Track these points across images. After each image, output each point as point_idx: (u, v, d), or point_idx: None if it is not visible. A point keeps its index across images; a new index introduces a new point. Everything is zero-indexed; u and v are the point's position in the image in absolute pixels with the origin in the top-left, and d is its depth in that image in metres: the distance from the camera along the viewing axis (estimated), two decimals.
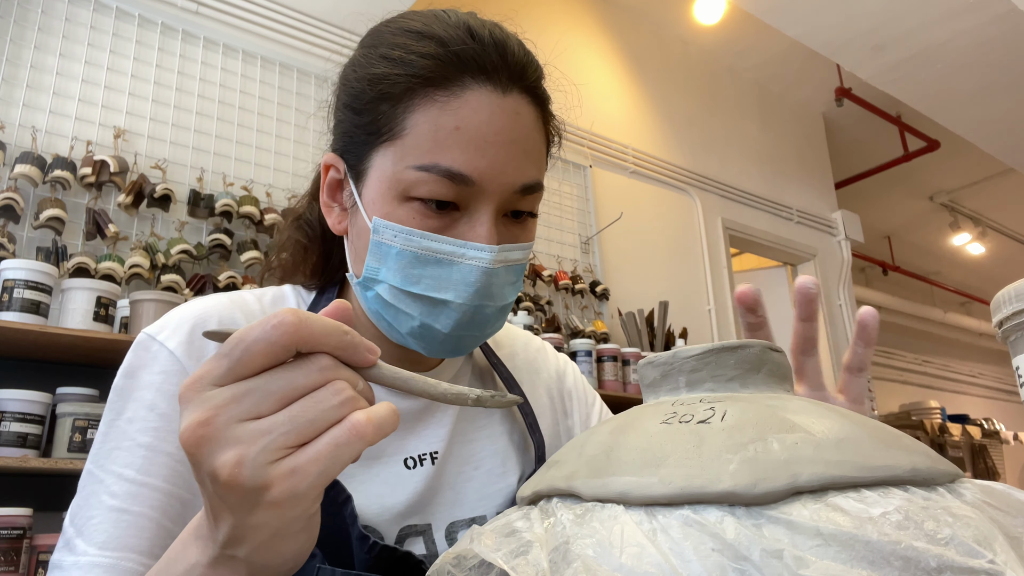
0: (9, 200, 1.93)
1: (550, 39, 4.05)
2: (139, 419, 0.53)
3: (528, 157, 0.56)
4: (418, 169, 0.53)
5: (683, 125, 4.17)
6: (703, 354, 0.39)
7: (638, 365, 0.43)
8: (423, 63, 0.53)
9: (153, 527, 0.51)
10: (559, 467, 0.36)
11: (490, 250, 0.54)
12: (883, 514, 0.26)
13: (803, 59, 4.48)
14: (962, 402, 7.25)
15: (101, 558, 0.49)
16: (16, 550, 1.60)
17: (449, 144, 0.52)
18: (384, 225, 0.55)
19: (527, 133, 0.56)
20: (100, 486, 0.52)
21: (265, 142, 2.58)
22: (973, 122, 4.00)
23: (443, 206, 0.54)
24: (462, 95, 0.53)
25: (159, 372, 0.55)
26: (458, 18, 0.56)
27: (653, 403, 0.40)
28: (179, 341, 0.56)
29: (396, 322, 0.57)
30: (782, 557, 0.25)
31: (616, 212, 3.50)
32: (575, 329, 3.05)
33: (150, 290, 2.06)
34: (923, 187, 6.07)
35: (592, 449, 0.36)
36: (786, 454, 0.30)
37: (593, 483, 0.33)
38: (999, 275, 7.47)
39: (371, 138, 0.56)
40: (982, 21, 3.15)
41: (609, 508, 0.31)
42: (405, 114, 0.54)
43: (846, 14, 3.17)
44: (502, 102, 0.54)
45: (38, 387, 1.82)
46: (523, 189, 0.56)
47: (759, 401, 0.35)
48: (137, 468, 0.52)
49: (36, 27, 2.22)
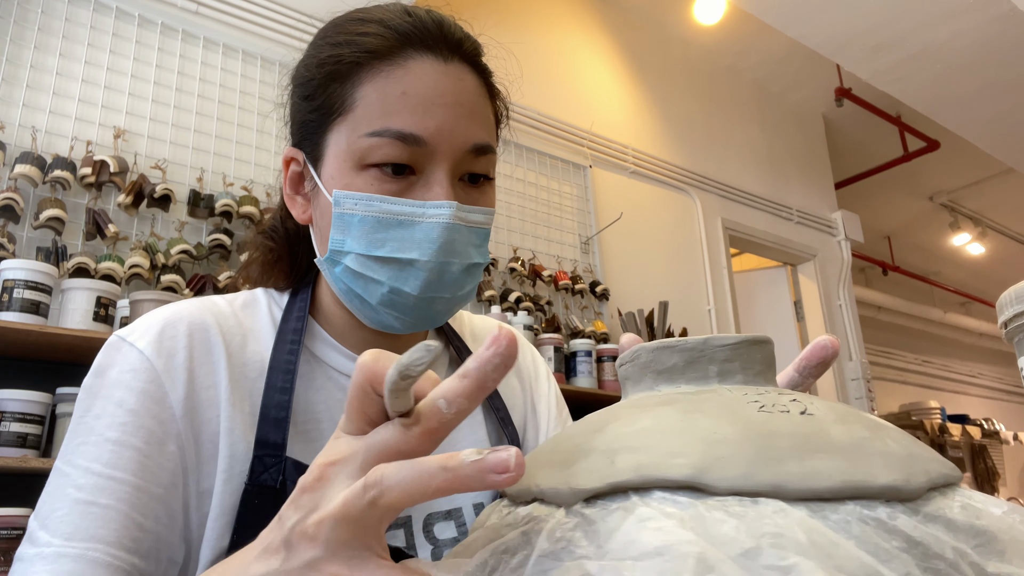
0: (9, 200, 1.92)
1: (550, 39, 4.05)
2: (107, 415, 0.53)
3: (475, 119, 0.58)
4: (370, 136, 0.55)
5: (683, 125, 4.17)
6: (737, 344, 0.37)
7: (640, 350, 0.39)
8: (367, 40, 0.57)
9: (121, 519, 0.50)
10: (646, 454, 0.31)
11: (448, 206, 0.56)
12: (1004, 512, 0.27)
13: (803, 59, 4.48)
14: (962, 402, 7.25)
15: (68, 548, 0.48)
16: (15, 550, 1.60)
17: (398, 108, 0.55)
18: (344, 195, 0.56)
19: (472, 97, 0.59)
20: (66, 480, 0.51)
21: (265, 142, 2.57)
22: (973, 122, 4.00)
23: (399, 170, 0.56)
24: (406, 64, 0.56)
25: (128, 370, 0.55)
26: (397, 5, 0.60)
27: (693, 391, 0.36)
28: (148, 341, 0.56)
29: (366, 293, 0.58)
30: (967, 556, 0.24)
31: (616, 212, 3.50)
32: (575, 329, 3.05)
33: (150, 290, 2.06)
34: (923, 187, 6.07)
35: (697, 436, 0.31)
36: (905, 451, 0.29)
37: (731, 474, 0.28)
38: (999, 275, 7.47)
39: (324, 118, 0.58)
40: (982, 21, 3.15)
41: (767, 503, 0.27)
42: (354, 88, 0.57)
43: (846, 14, 3.17)
44: (444, 68, 0.57)
45: (38, 387, 1.82)
46: (474, 149, 0.58)
47: (816, 398, 0.35)
48: (104, 462, 0.51)
49: (36, 27, 2.21)
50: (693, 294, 3.82)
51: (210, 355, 0.58)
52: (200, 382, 0.57)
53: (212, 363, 0.58)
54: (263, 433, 0.56)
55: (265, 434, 0.56)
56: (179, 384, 0.55)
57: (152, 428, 0.53)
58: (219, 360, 0.58)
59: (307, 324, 0.64)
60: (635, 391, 0.40)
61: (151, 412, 0.54)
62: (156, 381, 0.55)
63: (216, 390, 0.57)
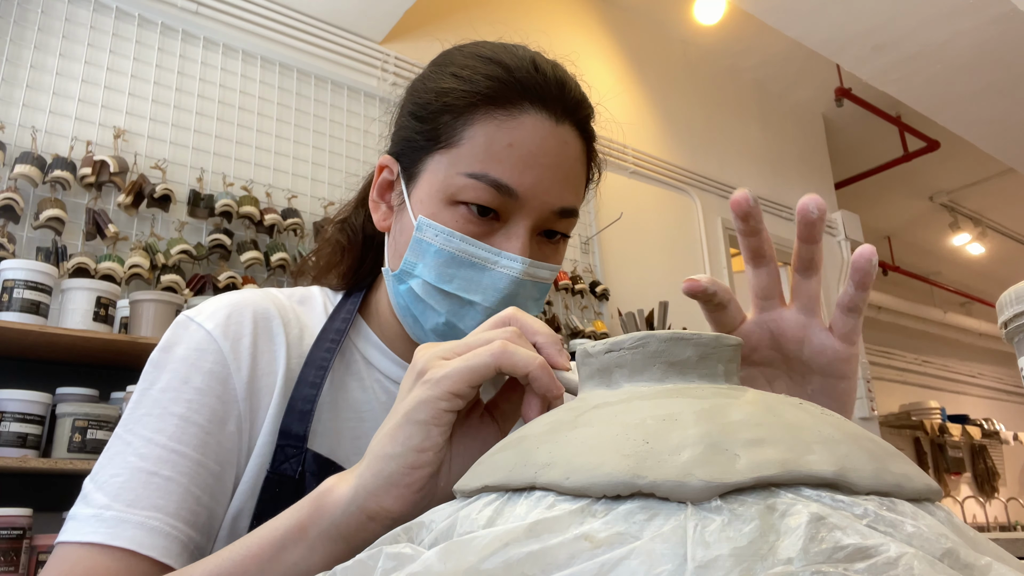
0: (9, 200, 1.92)
1: (550, 39, 4.06)
2: (172, 389, 0.55)
3: (569, 183, 0.60)
4: (468, 176, 0.57)
5: (683, 125, 4.17)
6: (739, 345, 0.37)
7: (649, 337, 0.36)
8: (487, 83, 0.58)
9: (182, 492, 0.52)
10: (774, 448, 0.28)
11: (522, 261, 0.58)
12: None
13: (803, 59, 4.48)
14: (962, 402, 7.24)
15: (129, 514, 0.49)
16: (16, 550, 1.60)
17: (501, 157, 0.57)
18: (428, 224, 0.58)
19: (572, 162, 0.60)
20: (128, 448, 0.52)
21: (265, 142, 2.57)
22: (973, 122, 3.99)
23: (485, 213, 0.58)
24: (519, 117, 0.57)
25: (195, 349, 0.57)
26: (526, 52, 0.61)
27: (713, 388, 0.34)
28: (216, 323, 0.58)
29: (423, 317, 0.60)
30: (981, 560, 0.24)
31: (616, 212, 3.50)
32: (575, 329, 3.05)
33: (150, 290, 2.06)
34: (923, 187, 6.07)
35: (806, 432, 0.29)
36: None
37: (865, 473, 0.27)
38: (999, 275, 7.47)
39: (429, 144, 0.60)
40: (982, 21, 3.15)
41: (902, 504, 0.26)
42: (464, 126, 0.58)
43: (846, 14, 3.17)
44: (555, 129, 0.59)
45: (38, 387, 1.82)
46: (561, 211, 0.60)
47: None
48: (168, 435, 0.53)
49: (36, 27, 2.21)
50: None
51: (272, 343, 0.61)
52: (262, 368, 0.59)
53: (274, 351, 0.60)
54: (287, 424, 0.58)
55: (289, 425, 0.58)
56: (243, 367, 0.58)
57: (215, 407, 0.56)
58: (279, 349, 0.61)
59: (358, 326, 0.67)
60: (634, 382, 0.36)
61: (215, 392, 0.56)
62: (222, 362, 0.57)
63: (274, 377, 0.60)
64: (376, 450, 0.40)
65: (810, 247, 0.46)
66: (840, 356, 0.47)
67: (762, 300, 0.48)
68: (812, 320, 0.48)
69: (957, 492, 6.35)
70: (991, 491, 6.59)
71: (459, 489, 0.34)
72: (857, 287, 0.45)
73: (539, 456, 0.30)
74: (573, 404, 0.36)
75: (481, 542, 0.25)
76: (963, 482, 6.54)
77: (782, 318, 0.48)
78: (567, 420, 0.33)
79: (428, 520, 0.32)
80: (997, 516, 6.31)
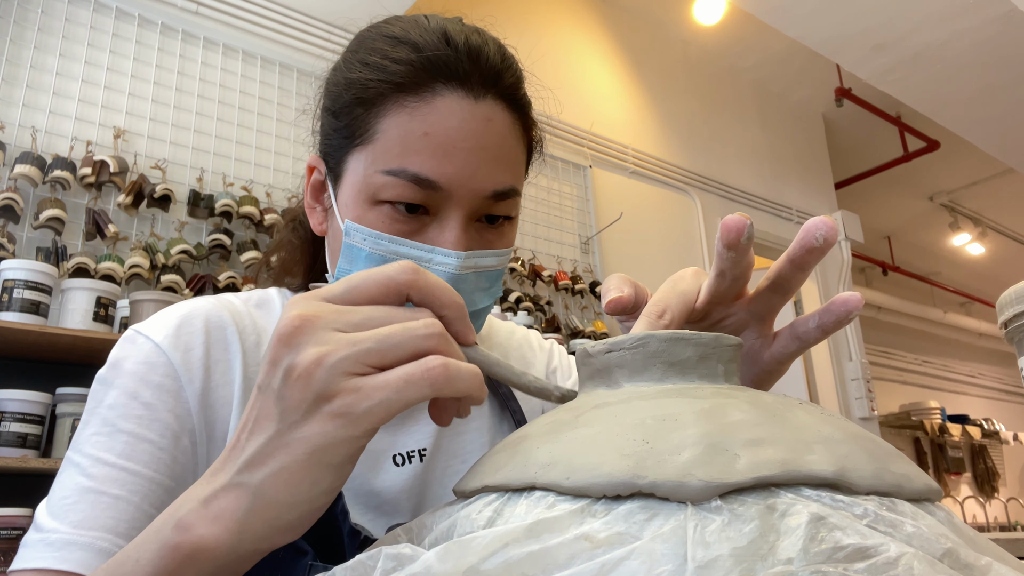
0: (9, 200, 1.92)
1: (550, 39, 4.04)
2: (120, 406, 0.52)
3: (499, 163, 0.56)
4: (386, 173, 0.53)
5: (683, 125, 4.17)
6: (738, 346, 0.37)
7: (649, 337, 0.35)
8: (396, 68, 0.54)
9: (132, 510, 0.49)
10: (774, 448, 0.27)
11: (456, 256, 0.54)
12: None
13: (803, 59, 4.48)
14: (962, 402, 7.24)
15: (77, 536, 0.47)
16: (16, 550, 1.60)
17: (417, 149, 0.53)
18: (355, 228, 0.55)
19: (500, 139, 0.56)
20: (76, 469, 0.50)
21: (265, 142, 2.57)
22: (973, 122, 3.99)
23: (412, 210, 0.54)
24: (432, 101, 0.53)
25: (143, 362, 0.54)
26: (437, 23, 0.56)
27: (713, 388, 0.34)
28: (165, 335, 0.56)
29: None
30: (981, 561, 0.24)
31: (616, 212, 3.50)
32: (575, 329, 3.05)
33: (150, 290, 2.06)
34: (923, 187, 6.07)
35: (809, 432, 0.29)
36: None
37: (865, 473, 0.27)
38: (999, 275, 7.47)
39: (346, 141, 0.57)
40: (982, 21, 3.15)
41: (901, 504, 0.27)
42: (377, 119, 0.54)
43: (846, 14, 3.17)
44: (473, 108, 0.54)
45: (38, 387, 1.82)
46: (494, 195, 0.56)
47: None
48: (118, 453, 0.50)
49: (36, 27, 2.21)
50: None
51: (227, 352, 0.58)
52: (216, 379, 0.57)
53: (228, 361, 0.58)
54: None
55: None
56: (196, 379, 0.55)
57: (168, 422, 0.53)
58: (235, 358, 0.58)
59: None
60: (634, 382, 0.35)
61: (167, 406, 0.53)
62: (173, 375, 0.54)
63: (231, 388, 0.57)
64: (269, 494, 0.32)
65: (796, 273, 0.40)
66: (765, 368, 0.44)
67: (712, 303, 0.43)
68: (758, 327, 0.44)
69: (957, 492, 6.35)
70: (991, 491, 6.59)
71: (459, 489, 0.34)
72: (825, 327, 0.41)
73: (539, 456, 0.30)
74: (573, 404, 0.36)
75: (481, 542, 0.25)
76: (963, 482, 6.55)
77: (727, 312, 0.44)
78: (567, 420, 0.33)
79: (428, 520, 0.32)
80: (997, 516, 6.31)
